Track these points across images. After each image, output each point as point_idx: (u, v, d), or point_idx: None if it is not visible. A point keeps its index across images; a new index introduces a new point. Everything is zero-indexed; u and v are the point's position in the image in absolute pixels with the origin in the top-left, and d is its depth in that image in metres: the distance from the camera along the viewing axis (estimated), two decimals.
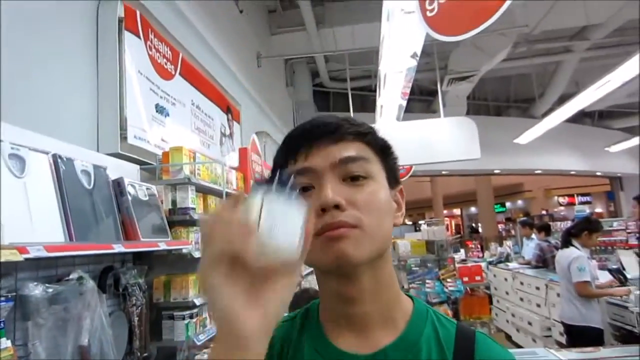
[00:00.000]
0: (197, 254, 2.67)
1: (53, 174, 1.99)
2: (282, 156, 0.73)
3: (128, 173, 2.58)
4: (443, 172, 12.86)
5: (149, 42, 3.31)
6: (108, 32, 2.84)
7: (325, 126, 0.71)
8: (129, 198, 2.37)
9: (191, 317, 2.55)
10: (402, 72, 5.27)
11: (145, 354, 2.36)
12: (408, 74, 5.35)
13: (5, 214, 1.56)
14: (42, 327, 1.71)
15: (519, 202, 23.35)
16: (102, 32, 2.83)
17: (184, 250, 2.59)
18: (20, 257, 1.45)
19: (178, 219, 2.69)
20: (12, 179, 1.78)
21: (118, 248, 1.96)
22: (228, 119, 4.97)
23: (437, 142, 6.35)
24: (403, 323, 0.72)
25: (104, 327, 1.97)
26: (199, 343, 2.53)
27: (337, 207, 0.65)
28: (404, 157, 6.44)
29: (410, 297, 0.78)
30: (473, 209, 23.54)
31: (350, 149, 0.70)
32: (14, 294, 1.65)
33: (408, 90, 6.25)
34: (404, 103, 6.53)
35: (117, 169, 2.50)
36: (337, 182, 0.68)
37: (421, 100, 11.89)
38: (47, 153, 1.99)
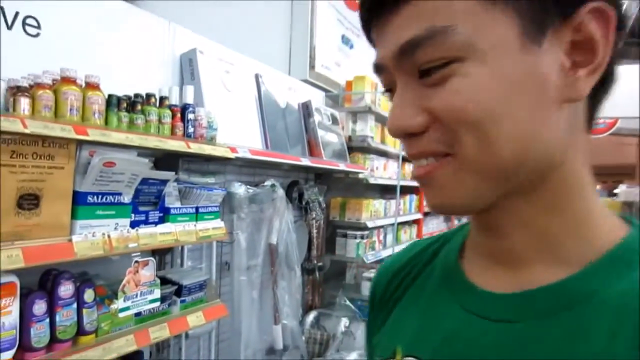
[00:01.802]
0: (371, 180, 2.76)
1: (255, 91, 2.23)
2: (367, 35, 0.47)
3: (314, 98, 2.74)
4: None
5: None
6: None
7: None
8: (315, 120, 2.54)
9: (362, 237, 2.70)
10: None
11: (320, 264, 2.59)
12: None
13: (218, 120, 1.81)
14: (243, 220, 1.99)
15: None
16: None
17: (360, 175, 2.69)
18: (231, 155, 1.68)
19: (356, 146, 2.79)
20: (225, 92, 2.05)
21: (305, 162, 2.13)
22: None
23: None
24: (581, 262, 0.42)
25: (290, 232, 2.21)
26: (367, 262, 2.67)
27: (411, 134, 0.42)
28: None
29: (631, 221, 0.45)
30: None
31: (412, 22, 0.39)
32: (224, 189, 1.95)
33: None
34: None
35: (305, 93, 2.68)
36: (411, 82, 0.41)
37: None
38: (251, 73, 2.23)
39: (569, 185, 0.43)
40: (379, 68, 0.45)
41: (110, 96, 1.35)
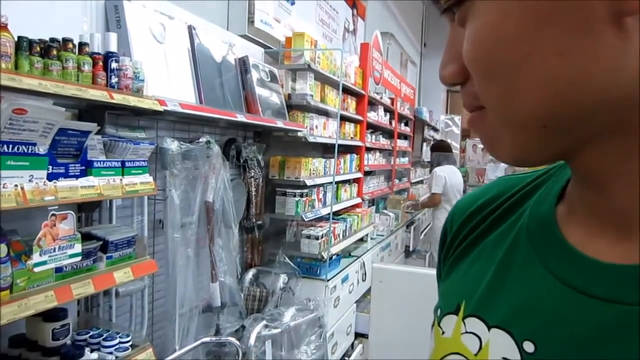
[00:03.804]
0: (310, 139, 2.76)
1: (188, 43, 2.13)
2: None
3: (253, 55, 2.66)
4: None
5: None
6: None
7: None
8: (253, 77, 2.48)
9: (301, 195, 2.72)
10: None
11: (259, 222, 2.60)
12: None
13: (148, 72, 1.72)
14: (176, 177, 1.94)
15: None
16: None
17: (299, 134, 2.69)
18: (160, 108, 1.61)
19: (296, 104, 2.76)
20: (155, 43, 1.95)
21: (240, 118, 2.09)
22: (353, 14, 4.81)
23: None
24: None
25: (226, 190, 2.18)
26: (306, 220, 2.71)
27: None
28: None
29: None
30: None
31: None
32: (155, 145, 1.88)
33: None
34: None
35: (243, 49, 2.60)
36: (455, 24, 0.36)
37: None
38: (185, 25, 2.12)
39: None
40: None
41: (20, 38, 1.24)
